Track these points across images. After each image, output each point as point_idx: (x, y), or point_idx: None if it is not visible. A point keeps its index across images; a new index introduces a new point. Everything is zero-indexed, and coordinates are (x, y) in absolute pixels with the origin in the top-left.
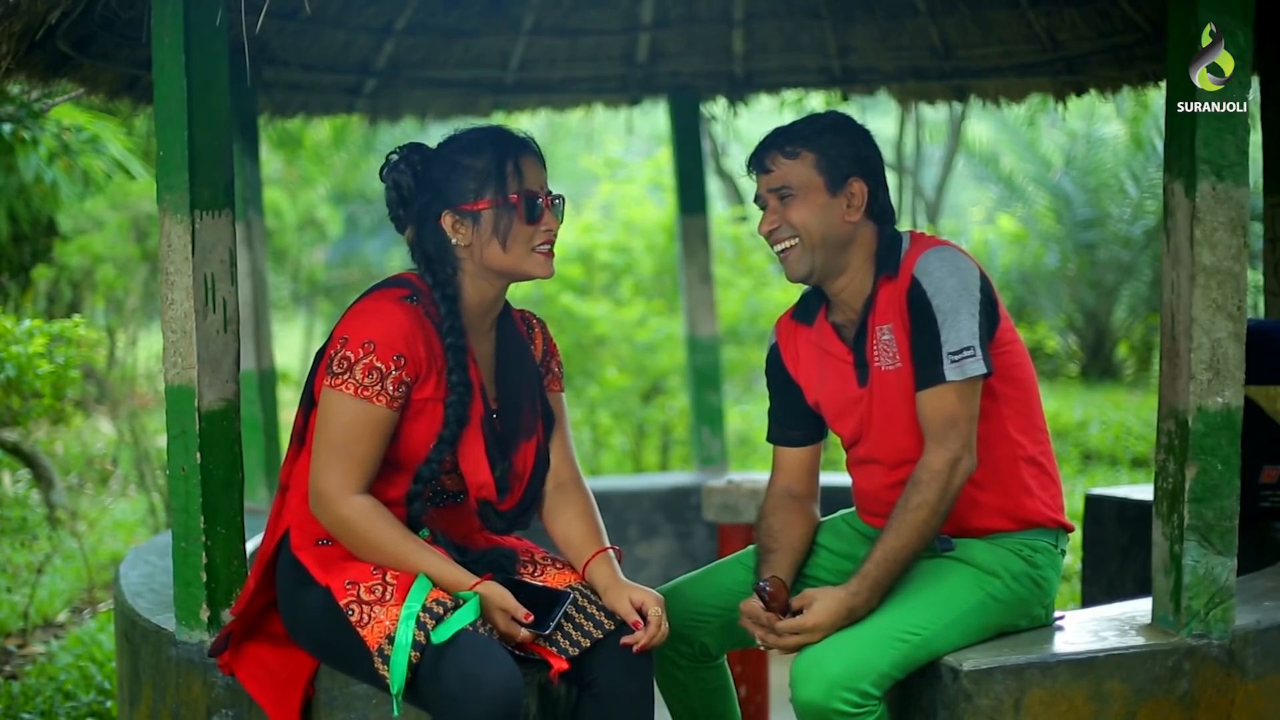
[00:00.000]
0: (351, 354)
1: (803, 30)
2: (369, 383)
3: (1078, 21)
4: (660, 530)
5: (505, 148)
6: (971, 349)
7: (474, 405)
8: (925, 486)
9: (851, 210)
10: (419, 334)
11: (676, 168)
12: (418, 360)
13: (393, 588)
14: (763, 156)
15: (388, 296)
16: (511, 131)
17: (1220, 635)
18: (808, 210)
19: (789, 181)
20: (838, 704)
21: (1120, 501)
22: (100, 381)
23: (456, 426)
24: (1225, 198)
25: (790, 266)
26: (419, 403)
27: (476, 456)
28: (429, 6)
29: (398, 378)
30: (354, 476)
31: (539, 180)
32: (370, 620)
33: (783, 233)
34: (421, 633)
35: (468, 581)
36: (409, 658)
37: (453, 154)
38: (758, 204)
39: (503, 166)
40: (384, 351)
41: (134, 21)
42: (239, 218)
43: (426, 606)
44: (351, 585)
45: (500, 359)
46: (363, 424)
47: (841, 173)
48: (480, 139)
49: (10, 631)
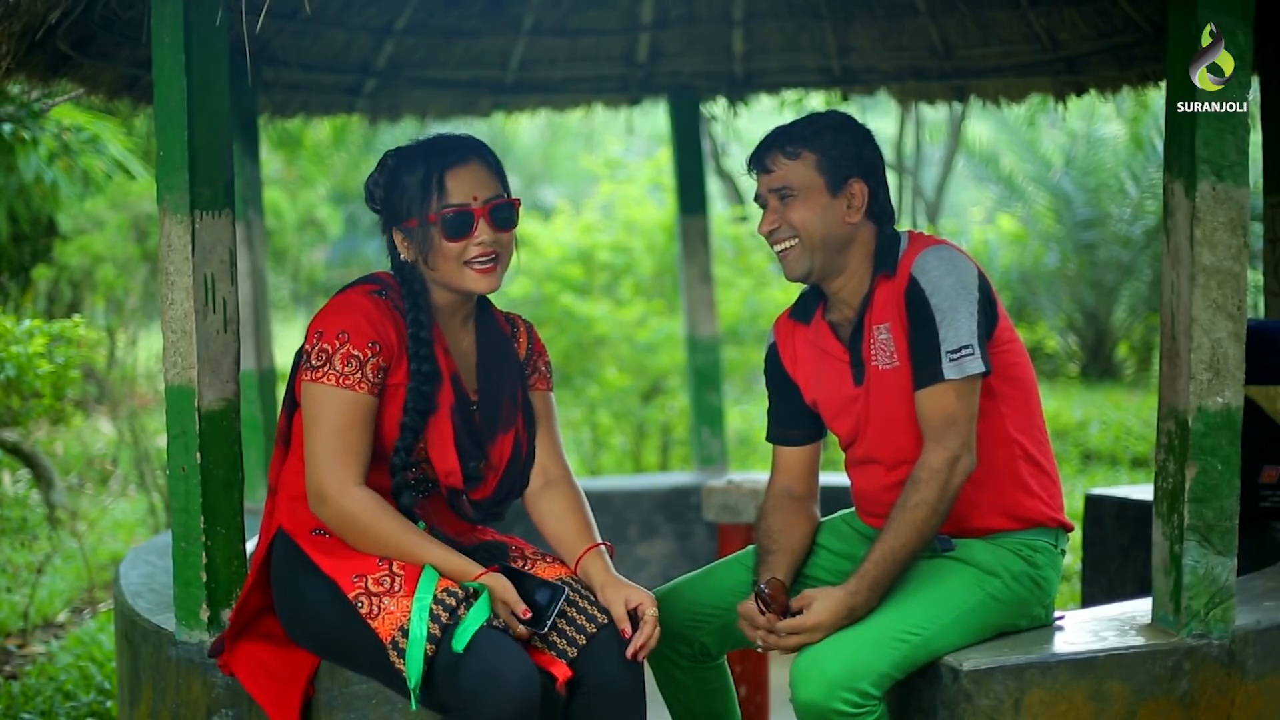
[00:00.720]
0: (329, 345)
1: (803, 30)
2: (349, 371)
3: (1078, 21)
4: (660, 530)
5: (431, 162)
6: (970, 347)
7: (442, 393)
8: (924, 485)
9: (852, 211)
10: (388, 323)
11: (676, 168)
12: (389, 346)
13: (401, 578)
14: (764, 156)
15: (357, 292)
16: (448, 140)
17: (1220, 635)
18: (808, 211)
19: (789, 182)
20: (838, 704)
21: (1120, 501)
22: (100, 381)
23: (417, 414)
24: (1225, 198)
25: (789, 266)
26: (392, 388)
27: (444, 443)
28: (429, 6)
29: (375, 364)
30: (351, 469)
31: (471, 191)
32: (381, 612)
33: (783, 233)
34: (435, 625)
35: (473, 572)
36: (424, 650)
37: (397, 170)
38: (758, 203)
39: (427, 183)
40: (358, 339)
41: (134, 21)
42: (239, 218)
43: (438, 597)
44: (359, 578)
45: (481, 352)
46: (350, 412)
47: (842, 174)
48: (414, 154)
49: (10, 631)
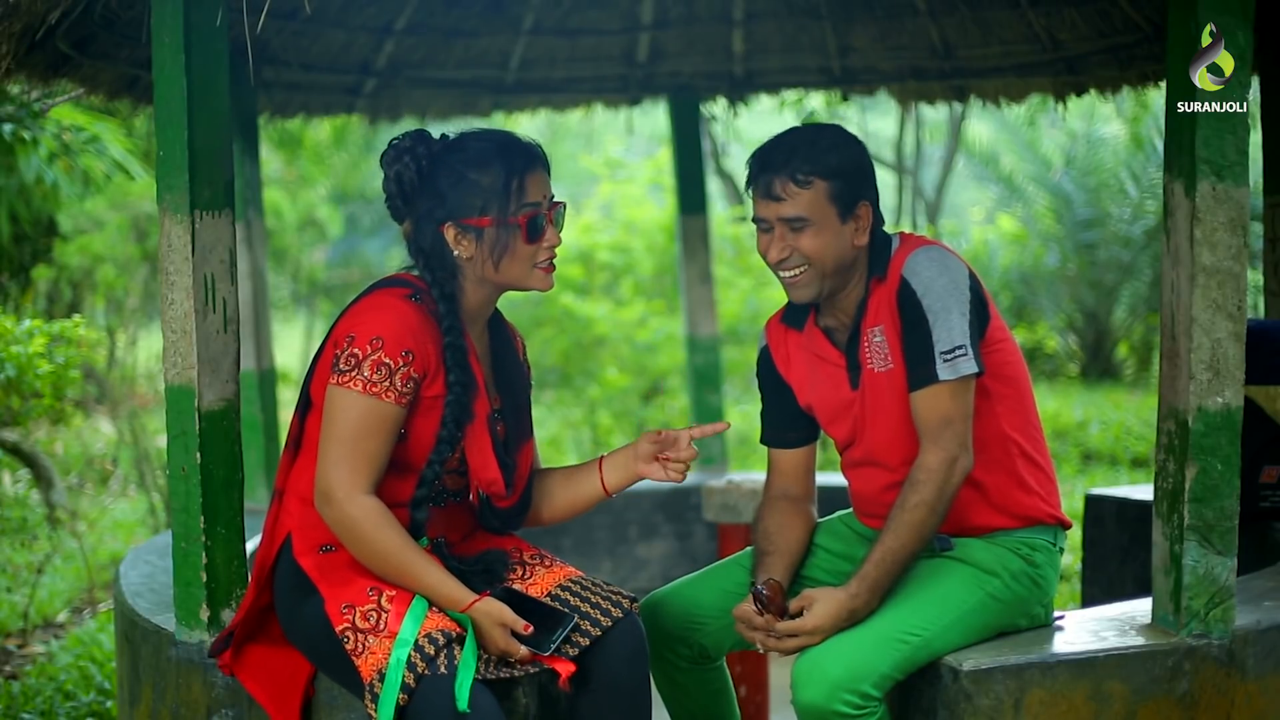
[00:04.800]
0: (359, 350)
1: (803, 30)
2: (377, 379)
3: (1078, 21)
4: (660, 530)
5: (512, 164)
6: (963, 347)
7: (479, 402)
8: (922, 486)
9: (860, 234)
10: (426, 331)
11: (676, 168)
12: (426, 357)
13: (387, 614)
14: (771, 184)
15: (393, 294)
16: (519, 142)
17: (1220, 635)
18: (822, 241)
19: (803, 213)
20: (839, 705)
21: (1120, 501)
22: (100, 381)
23: (454, 426)
24: (1225, 198)
25: (798, 292)
26: (429, 400)
27: (484, 452)
28: (429, 6)
29: (406, 374)
30: (363, 475)
31: (543, 192)
32: (365, 651)
33: (793, 261)
34: (411, 674)
35: (465, 599)
36: (397, 700)
37: (459, 165)
38: (758, 225)
39: (509, 185)
40: (392, 347)
41: (134, 21)
42: (239, 218)
43: (419, 643)
44: (348, 609)
45: (495, 358)
46: (372, 420)
47: (852, 199)
48: (488, 153)
49: (10, 631)
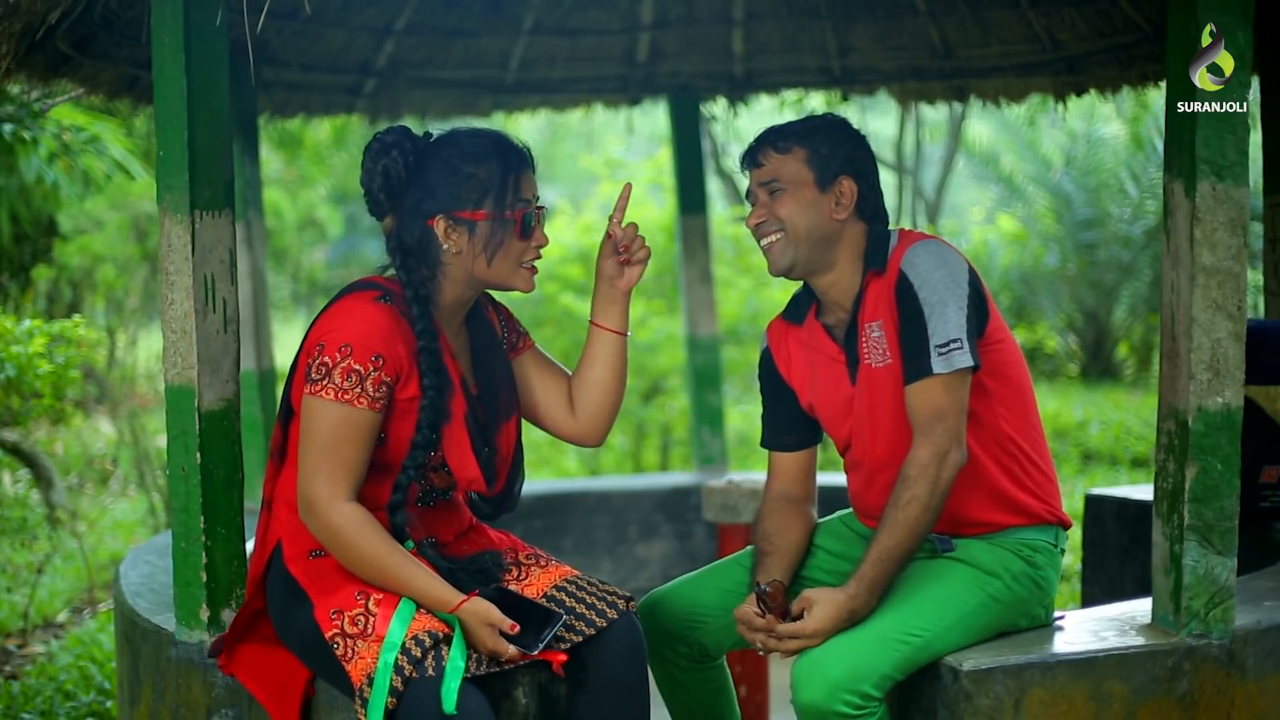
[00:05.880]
0: (329, 359)
1: (803, 30)
2: (348, 386)
3: (1078, 21)
4: (660, 530)
5: (509, 160)
6: (959, 341)
7: (455, 401)
8: (914, 482)
9: (840, 208)
10: (397, 334)
11: (676, 168)
12: (397, 360)
13: (375, 618)
14: (755, 152)
15: (360, 298)
16: (512, 141)
17: (1220, 635)
18: (795, 204)
19: (778, 175)
20: (839, 706)
21: (1120, 501)
22: (100, 381)
23: (429, 430)
24: (1225, 198)
25: (773, 259)
26: (404, 403)
27: (463, 452)
28: (429, 6)
29: (377, 379)
30: (343, 483)
31: (533, 192)
32: (354, 655)
33: (769, 226)
34: (399, 677)
35: (453, 600)
36: (385, 704)
37: (453, 158)
38: (748, 200)
39: (505, 180)
40: (361, 354)
41: (134, 21)
42: (239, 218)
43: (405, 646)
44: (337, 615)
45: (475, 348)
46: (346, 428)
47: (832, 170)
48: (483, 147)
49: (10, 631)
